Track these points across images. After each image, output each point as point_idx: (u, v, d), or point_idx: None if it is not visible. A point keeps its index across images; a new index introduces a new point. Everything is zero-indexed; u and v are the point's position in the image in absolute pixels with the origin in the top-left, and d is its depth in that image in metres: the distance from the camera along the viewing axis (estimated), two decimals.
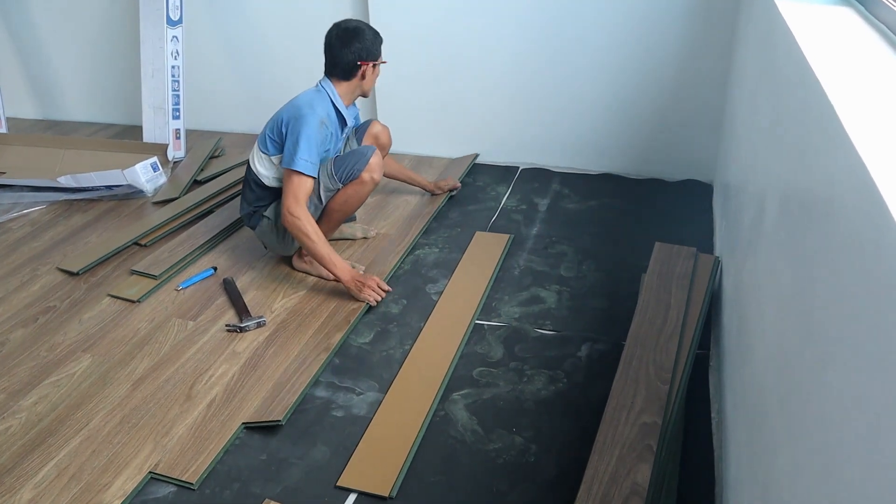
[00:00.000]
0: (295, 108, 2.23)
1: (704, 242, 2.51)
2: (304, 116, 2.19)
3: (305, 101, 2.25)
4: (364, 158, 2.28)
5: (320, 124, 2.21)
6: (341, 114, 2.32)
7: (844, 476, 0.70)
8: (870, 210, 0.68)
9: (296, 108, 2.23)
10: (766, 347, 1.21)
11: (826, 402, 0.79)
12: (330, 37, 2.28)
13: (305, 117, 2.19)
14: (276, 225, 2.35)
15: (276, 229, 2.36)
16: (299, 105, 2.24)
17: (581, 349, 2.03)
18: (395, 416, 1.81)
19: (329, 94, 2.29)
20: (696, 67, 2.86)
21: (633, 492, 1.43)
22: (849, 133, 0.80)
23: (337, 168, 2.28)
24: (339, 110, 2.31)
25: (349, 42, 2.25)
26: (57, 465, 1.71)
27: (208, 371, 2.00)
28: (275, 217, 2.34)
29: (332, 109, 2.29)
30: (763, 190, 1.48)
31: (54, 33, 4.03)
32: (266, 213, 2.37)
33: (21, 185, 3.22)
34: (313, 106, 2.22)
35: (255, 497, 1.60)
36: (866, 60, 1.15)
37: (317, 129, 2.20)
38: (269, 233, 2.38)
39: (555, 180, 3.14)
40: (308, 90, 2.33)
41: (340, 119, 2.33)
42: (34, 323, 2.27)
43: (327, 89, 2.30)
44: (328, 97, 2.29)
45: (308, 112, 2.20)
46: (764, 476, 1.08)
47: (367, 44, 2.26)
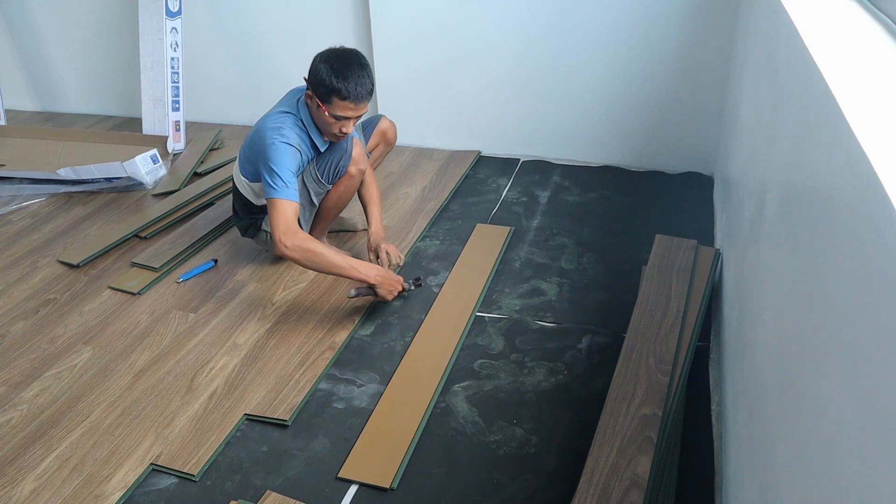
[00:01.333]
0: (261, 137, 2.08)
1: (705, 235, 2.51)
2: (271, 145, 2.04)
3: (270, 127, 2.09)
4: (346, 154, 2.19)
5: (293, 151, 2.07)
6: (313, 140, 2.16)
7: (843, 468, 0.70)
8: (872, 203, 0.68)
9: (262, 137, 2.08)
10: (766, 340, 1.21)
11: (825, 395, 0.79)
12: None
13: (273, 145, 2.04)
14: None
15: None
16: (264, 133, 2.08)
17: (581, 341, 2.04)
18: (396, 408, 1.82)
19: (302, 117, 2.13)
20: (697, 59, 2.85)
21: (634, 483, 1.43)
22: (851, 125, 0.80)
23: (321, 170, 2.20)
24: (311, 136, 2.15)
25: (318, 59, 2.05)
26: (58, 457, 1.71)
27: (209, 363, 2.00)
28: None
29: (304, 135, 2.14)
30: (764, 182, 1.48)
31: (53, 25, 4.02)
32: (265, 227, 2.34)
33: (21, 178, 3.22)
34: (280, 132, 2.07)
35: (257, 489, 1.61)
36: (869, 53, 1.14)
37: (290, 154, 2.05)
38: (270, 242, 2.33)
39: (555, 172, 3.14)
40: (274, 112, 2.16)
41: (313, 145, 2.17)
42: (35, 315, 2.27)
43: (301, 111, 2.14)
44: (299, 120, 2.13)
45: (273, 139, 2.05)
46: (763, 468, 1.08)
47: (318, 72, 2.02)
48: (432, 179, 3.08)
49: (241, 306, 2.26)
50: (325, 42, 2.26)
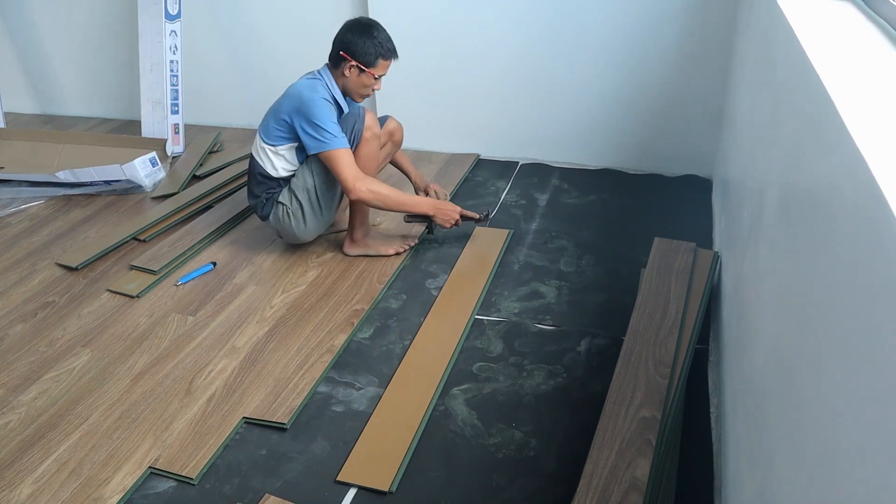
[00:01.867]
0: (296, 97, 2.24)
1: (704, 237, 2.51)
2: (311, 100, 2.20)
3: (304, 86, 2.25)
4: (359, 119, 2.30)
5: (331, 105, 2.24)
6: (337, 101, 2.32)
7: (842, 470, 0.70)
8: (869, 205, 0.68)
9: (297, 97, 2.23)
10: (765, 342, 1.21)
11: (824, 397, 0.79)
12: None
13: (313, 101, 2.20)
14: (290, 208, 2.35)
15: (291, 213, 2.36)
16: (299, 93, 2.24)
17: (580, 344, 2.04)
18: (395, 411, 1.81)
19: (326, 81, 2.29)
20: (695, 62, 2.85)
21: (633, 486, 1.43)
22: (848, 128, 0.80)
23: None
24: (336, 98, 2.31)
25: (345, 31, 2.25)
26: (57, 460, 1.71)
27: (208, 366, 2.00)
28: (290, 201, 2.34)
29: (330, 94, 2.29)
30: (763, 185, 1.48)
31: (52, 28, 4.02)
32: (281, 199, 2.36)
33: (19, 180, 3.22)
34: (315, 89, 2.23)
35: (255, 492, 1.61)
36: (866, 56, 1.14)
37: (328, 107, 2.22)
38: (286, 219, 2.37)
39: (554, 175, 3.14)
40: (303, 78, 2.32)
41: (338, 106, 2.33)
42: (33, 318, 2.27)
43: (324, 76, 2.30)
44: (325, 83, 2.29)
45: (312, 95, 2.21)
46: (763, 470, 1.08)
47: (358, 43, 2.23)
48: (432, 181, 3.07)
49: (240, 309, 2.26)
50: (325, 44, 2.27)
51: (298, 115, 2.22)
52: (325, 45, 2.32)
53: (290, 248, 2.58)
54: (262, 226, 2.75)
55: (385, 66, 2.29)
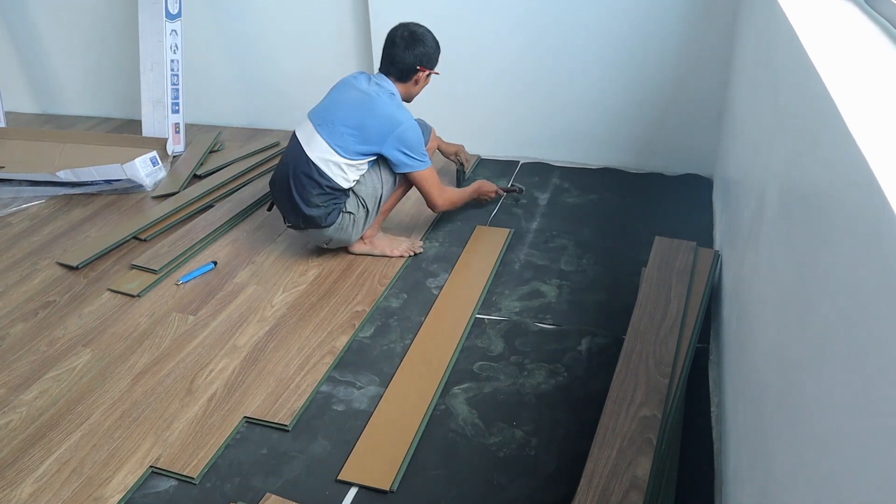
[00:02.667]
0: (389, 119, 2.27)
1: (704, 236, 2.51)
2: (408, 125, 2.28)
3: (393, 107, 2.30)
4: (426, 130, 2.54)
5: (417, 125, 2.34)
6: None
7: (842, 469, 0.70)
8: (870, 204, 0.68)
9: (390, 119, 2.27)
10: (765, 341, 1.22)
11: (825, 396, 0.79)
12: (394, 36, 2.35)
13: (410, 125, 2.29)
14: (356, 216, 2.37)
15: (354, 221, 2.38)
16: (391, 115, 2.28)
17: (581, 343, 2.04)
18: (395, 410, 1.81)
19: (394, 92, 2.36)
20: (696, 61, 2.85)
21: (633, 485, 1.43)
22: (849, 127, 0.80)
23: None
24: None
25: (414, 45, 2.32)
26: (58, 460, 1.71)
27: (209, 365, 2.00)
28: (357, 209, 2.36)
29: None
30: (763, 184, 1.48)
31: (53, 27, 4.02)
32: (349, 209, 2.34)
33: (20, 180, 3.22)
34: (402, 109, 2.32)
35: (256, 491, 1.61)
36: (867, 55, 1.14)
37: (418, 128, 2.33)
38: (349, 227, 2.38)
39: (555, 174, 3.14)
40: (379, 93, 2.32)
41: None
42: (34, 317, 2.27)
43: (390, 87, 2.36)
44: (395, 95, 2.36)
45: (405, 118, 2.29)
46: (763, 469, 1.08)
47: (429, 50, 2.36)
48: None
49: (241, 308, 2.26)
50: (325, 45, 2.28)
51: (394, 137, 2.27)
52: (324, 45, 2.32)
53: (290, 248, 2.58)
54: (263, 225, 2.75)
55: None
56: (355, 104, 2.30)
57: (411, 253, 2.51)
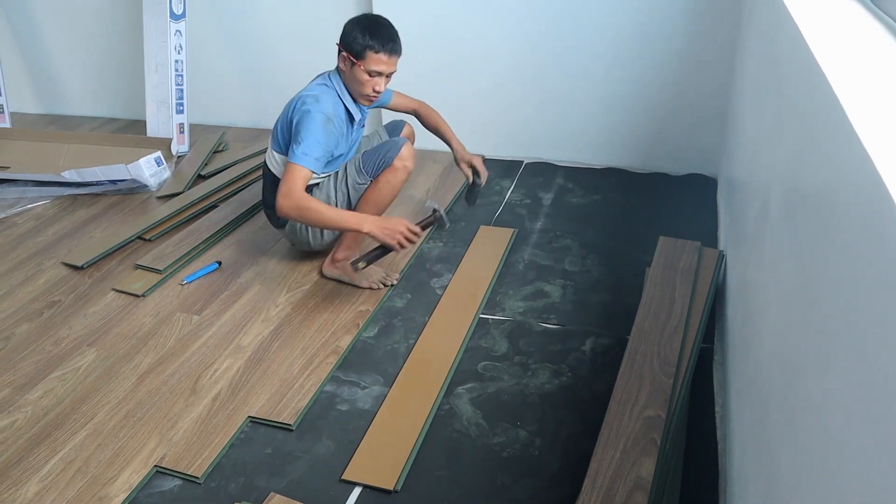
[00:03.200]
0: (300, 104, 2.16)
1: (709, 237, 2.50)
2: (308, 112, 2.11)
3: (311, 95, 2.17)
4: (395, 147, 2.22)
5: (325, 120, 2.13)
6: (349, 109, 2.25)
7: (848, 470, 0.70)
8: (875, 204, 0.68)
9: (301, 103, 2.15)
10: (770, 341, 1.21)
11: (830, 397, 0.79)
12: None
13: (309, 112, 2.11)
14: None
15: (309, 227, 2.32)
16: (303, 100, 2.16)
17: (585, 343, 2.04)
18: (399, 411, 1.81)
19: (336, 88, 2.22)
20: (700, 61, 2.85)
21: (637, 485, 1.43)
22: (854, 127, 0.80)
23: (366, 161, 2.23)
24: (346, 106, 2.24)
25: (347, 22, 2.16)
26: (63, 459, 1.71)
27: (213, 365, 2.01)
28: None
29: (340, 104, 2.22)
30: (768, 184, 1.48)
31: (57, 28, 4.03)
32: None
33: (25, 180, 3.23)
34: (319, 100, 2.14)
35: (260, 491, 1.61)
36: (872, 54, 1.14)
37: (321, 124, 2.11)
38: (302, 231, 2.34)
39: (559, 174, 3.14)
40: (317, 80, 2.25)
41: (349, 115, 2.27)
42: (39, 317, 2.28)
43: (334, 81, 2.23)
44: (335, 91, 2.22)
45: (312, 107, 2.12)
46: (768, 470, 1.08)
47: (351, 32, 2.12)
48: (436, 182, 3.08)
49: (245, 308, 2.26)
50: (329, 44, 2.27)
51: (296, 119, 2.14)
52: (329, 45, 2.32)
53: (294, 248, 2.58)
54: (267, 225, 2.75)
55: (377, 61, 2.12)
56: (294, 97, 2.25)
57: (381, 286, 2.32)
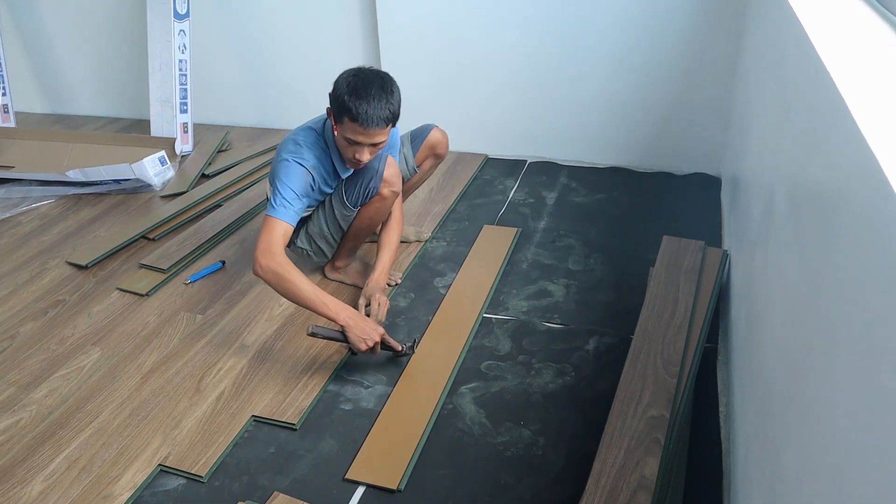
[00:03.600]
0: (281, 149, 2.01)
1: (712, 236, 2.50)
2: (285, 162, 1.96)
3: (288, 141, 2.02)
4: (377, 175, 2.05)
5: (304, 172, 1.97)
6: (335, 166, 2.07)
7: (852, 470, 0.69)
8: (880, 203, 0.68)
9: (282, 149, 2.01)
10: (774, 341, 1.21)
11: (834, 396, 0.79)
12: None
13: (287, 163, 1.96)
14: (312, 250, 2.27)
15: (313, 253, 2.28)
16: (286, 145, 2.01)
17: (589, 342, 2.03)
18: (403, 410, 1.81)
19: (326, 137, 2.05)
20: (704, 60, 2.84)
21: (641, 485, 1.43)
22: (859, 125, 0.80)
23: (348, 192, 2.09)
24: (332, 161, 2.06)
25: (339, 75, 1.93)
26: (67, 458, 1.72)
27: (217, 364, 2.01)
28: (308, 244, 2.25)
29: (326, 159, 2.04)
30: (772, 183, 1.47)
31: (62, 28, 4.04)
32: (300, 244, 2.25)
33: (30, 179, 3.24)
34: (300, 150, 1.99)
35: (264, 490, 1.61)
36: (877, 52, 1.14)
37: (300, 175, 1.95)
38: (310, 258, 2.32)
39: (562, 174, 3.14)
40: (310, 122, 2.08)
41: (333, 169, 2.09)
42: (44, 316, 2.28)
43: (326, 132, 2.05)
44: (323, 141, 2.04)
45: (290, 156, 1.97)
46: (772, 470, 1.08)
47: (335, 85, 1.90)
48: (440, 181, 3.08)
49: (249, 307, 2.26)
50: (333, 45, 2.28)
51: (274, 168, 2.01)
52: (333, 46, 2.31)
53: None
54: None
55: (353, 131, 1.87)
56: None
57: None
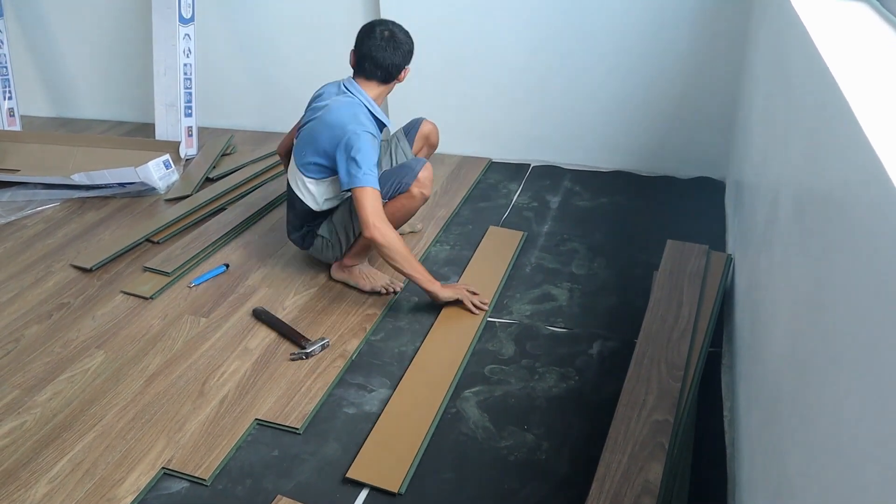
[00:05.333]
0: (340, 130, 2.10)
1: (716, 240, 2.49)
2: (354, 135, 2.07)
3: (347, 117, 2.12)
4: (413, 172, 2.18)
5: (372, 138, 2.11)
6: (377, 118, 2.22)
7: (858, 475, 0.69)
8: (885, 207, 0.68)
9: (341, 130, 2.10)
10: (779, 345, 1.21)
11: (839, 401, 0.79)
12: (374, 36, 2.15)
13: (357, 135, 2.07)
14: (331, 241, 2.30)
15: (331, 245, 2.31)
16: (343, 123, 2.10)
17: (592, 347, 2.03)
18: (405, 412, 1.81)
19: (363, 101, 2.18)
20: (708, 64, 2.84)
21: (645, 490, 1.43)
22: (864, 129, 0.80)
23: (383, 183, 2.17)
24: (374, 114, 2.20)
25: (399, 45, 2.17)
26: (71, 461, 1.72)
27: (221, 367, 2.01)
28: (329, 233, 2.30)
29: (371, 116, 2.18)
30: (777, 187, 1.47)
31: (67, 31, 4.06)
32: (321, 233, 2.31)
33: (35, 183, 3.25)
34: (359, 120, 2.11)
35: (267, 493, 1.61)
36: (881, 56, 1.14)
37: (370, 143, 2.09)
38: (326, 250, 2.34)
39: (566, 177, 3.14)
40: (339, 102, 2.17)
41: (378, 123, 2.23)
42: (48, 319, 2.29)
43: (359, 95, 2.19)
44: (363, 104, 2.18)
45: (357, 129, 2.08)
46: (777, 475, 1.07)
47: (412, 46, 2.23)
48: (443, 185, 3.08)
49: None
50: (336, 48, 2.28)
51: (340, 149, 2.09)
52: (336, 49, 2.32)
53: (302, 251, 2.59)
54: (275, 228, 2.76)
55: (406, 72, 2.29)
56: (318, 117, 2.19)
57: (385, 291, 2.31)
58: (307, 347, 2.03)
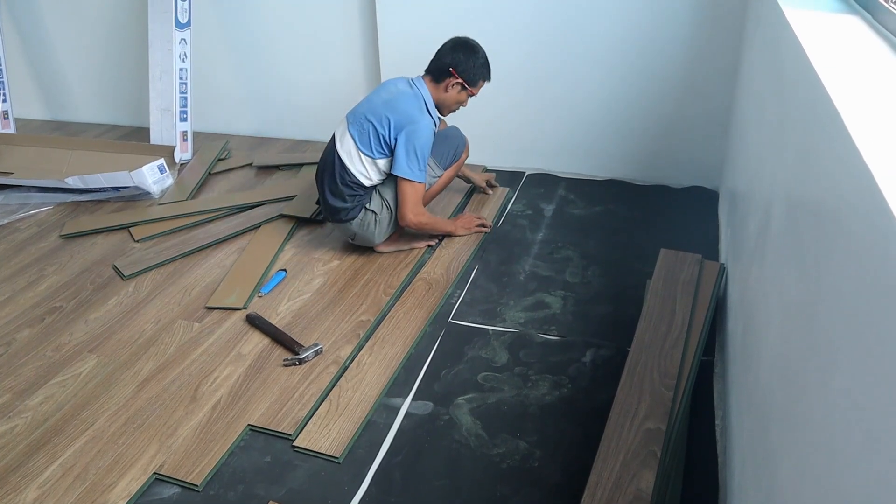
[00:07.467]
0: (406, 117, 2.31)
1: (709, 249, 2.51)
2: (421, 127, 2.31)
3: (414, 108, 2.34)
4: (460, 139, 2.60)
5: (432, 133, 2.34)
6: (432, 116, 2.41)
7: (848, 484, 0.70)
8: (875, 217, 0.68)
9: (407, 118, 2.31)
10: (771, 354, 1.21)
11: (830, 410, 0.79)
12: (450, 39, 2.46)
13: (424, 127, 2.31)
14: (380, 217, 2.43)
15: (377, 222, 2.43)
16: (409, 114, 2.32)
17: (586, 355, 2.03)
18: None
19: (424, 96, 2.40)
20: (702, 74, 2.86)
21: (637, 498, 1.43)
22: (855, 140, 0.81)
23: (439, 157, 2.49)
24: (430, 111, 2.41)
25: (457, 49, 2.42)
26: (62, 465, 1.71)
27: (213, 373, 2.01)
28: (380, 209, 2.43)
29: (431, 116, 2.40)
30: (769, 197, 1.48)
31: (63, 35, 4.06)
32: (371, 207, 2.42)
33: (29, 186, 3.24)
34: (423, 112, 2.35)
35: (259, 499, 1.61)
36: (873, 68, 1.15)
37: (430, 138, 2.33)
38: (371, 225, 2.44)
39: (561, 186, 3.15)
40: (408, 94, 2.39)
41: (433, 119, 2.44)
42: (40, 323, 2.28)
43: (422, 91, 2.41)
44: (424, 101, 2.40)
45: (423, 122, 2.32)
46: (768, 483, 1.08)
47: (468, 62, 2.41)
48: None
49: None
50: (333, 54, 2.29)
51: (405, 136, 2.29)
52: (332, 54, 2.33)
53: (296, 256, 2.59)
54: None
55: (481, 87, 2.51)
56: (384, 101, 2.38)
57: (433, 242, 2.60)
58: (300, 353, 2.03)
